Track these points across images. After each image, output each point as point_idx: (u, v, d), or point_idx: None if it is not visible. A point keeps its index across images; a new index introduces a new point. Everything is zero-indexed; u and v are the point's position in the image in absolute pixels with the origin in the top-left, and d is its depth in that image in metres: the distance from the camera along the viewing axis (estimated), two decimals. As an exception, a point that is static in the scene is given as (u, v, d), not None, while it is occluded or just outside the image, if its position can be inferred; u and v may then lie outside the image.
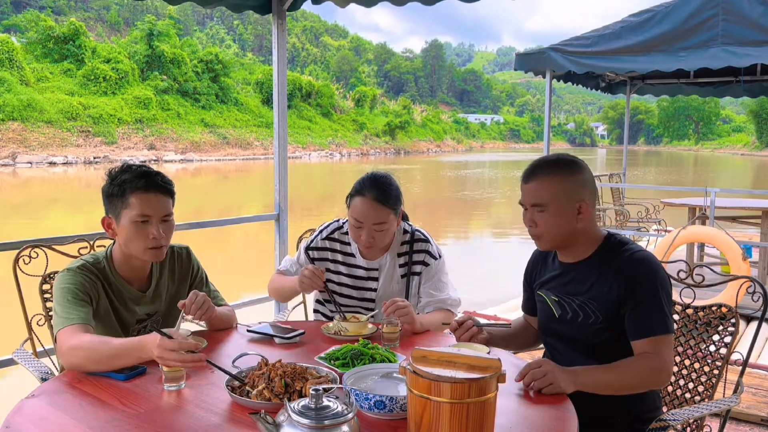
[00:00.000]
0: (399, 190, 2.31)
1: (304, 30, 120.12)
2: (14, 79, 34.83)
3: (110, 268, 1.98)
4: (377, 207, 2.21)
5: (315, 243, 2.46)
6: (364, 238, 2.24)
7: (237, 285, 7.54)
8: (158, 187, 1.93)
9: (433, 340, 2.08)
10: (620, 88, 8.49)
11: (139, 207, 1.90)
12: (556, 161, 1.82)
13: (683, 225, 5.69)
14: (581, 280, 1.82)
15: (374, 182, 2.26)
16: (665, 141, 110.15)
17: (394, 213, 2.27)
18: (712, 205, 5.73)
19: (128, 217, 1.90)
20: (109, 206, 1.95)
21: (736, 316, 1.95)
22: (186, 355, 1.53)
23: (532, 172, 1.81)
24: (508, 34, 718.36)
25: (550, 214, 1.77)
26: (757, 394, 3.55)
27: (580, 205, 1.77)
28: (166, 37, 44.27)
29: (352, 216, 2.26)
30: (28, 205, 19.33)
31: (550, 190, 1.76)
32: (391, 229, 2.30)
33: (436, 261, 2.38)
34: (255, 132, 46.93)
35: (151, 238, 1.91)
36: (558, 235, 1.80)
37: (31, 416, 1.41)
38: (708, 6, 4.88)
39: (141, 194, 1.90)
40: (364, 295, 2.42)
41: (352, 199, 2.28)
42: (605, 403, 1.72)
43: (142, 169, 1.95)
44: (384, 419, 1.38)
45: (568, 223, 1.77)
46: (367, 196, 2.22)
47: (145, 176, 1.92)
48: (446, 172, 37.24)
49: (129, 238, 1.92)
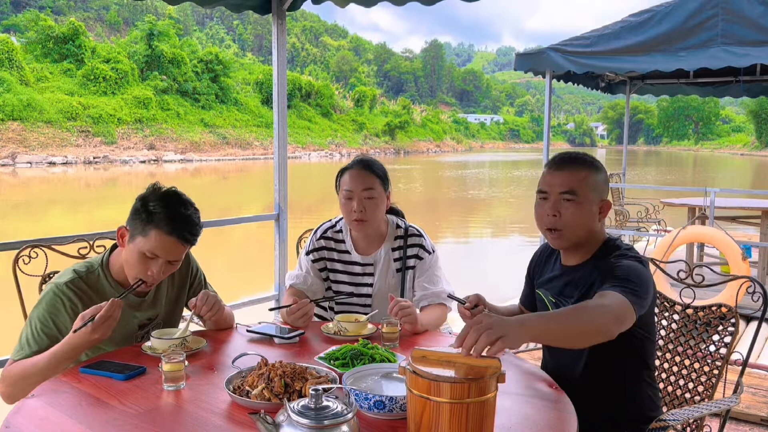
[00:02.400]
0: (384, 167, 2.43)
1: (303, 30, 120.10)
2: (14, 79, 34.82)
3: (106, 276, 1.95)
4: (364, 174, 2.34)
5: (312, 245, 2.49)
6: (355, 207, 2.30)
7: (237, 285, 7.54)
8: (183, 237, 1.88)
9: (433, 340, 2.08)
10: (620, 88, 8.49)
11: (153, 245, 1.85)
12: (586, 156, 1.83)
13: (683, 225, 5.68)
14: (576, 283, 1.82)
15: (359, 158, 2.43)
16: (665, 141, 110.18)
17: (380, 183, 2.35)
18: (712, 205, 5.73)
19: (140, 246, 1.86)
20: (131, 220, 1.89)
21: (735, 316, 1.95)
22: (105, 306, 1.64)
23: (563, 161, 1.80)
24: (508, 34, 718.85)
25: (578, 204, 1.74)
26: (757, 394, 3.55)
27: (603, 205, 1.78)
28: (165, 37, 44.27)
29: (343, 189, 2.36)
30: (27, 205, 19.32)
31: (585, 180, 1.75)
32: (381, 202, 2.35)
33: (429, 255, 2.43)
34: (254, 132, 46.93)
35: (149, 274, 1.89)
36: (579, 230, 1.77)
37: (31, 416, 1.41)
38: (708, 6, 4.87)
39: (162, 235, 1.84)
40: (361, 290, 2.45)
41: (341, 177, 2.39)
42: (604, 402, 1.72)
43: (179, 211, 1.87)
44: (384, 419, 1.38)
45: (591, 219, 1.77)
46: (354, 168, 2.37)
47: (176, 222, 1.85)
48: (446, 172, 37.24)
49: (130, 263, 1.89)
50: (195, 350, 1.82)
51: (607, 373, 1.80)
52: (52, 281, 1.92)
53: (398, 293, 2.43)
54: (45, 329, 1.82)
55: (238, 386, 1.51)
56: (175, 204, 1.88)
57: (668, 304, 2.13)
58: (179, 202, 1.90)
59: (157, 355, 1.72)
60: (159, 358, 1.60)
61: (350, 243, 2.45)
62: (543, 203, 1.81)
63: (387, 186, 2.39)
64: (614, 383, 1.81)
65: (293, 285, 2.46)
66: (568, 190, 1.75)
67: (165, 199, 1.88)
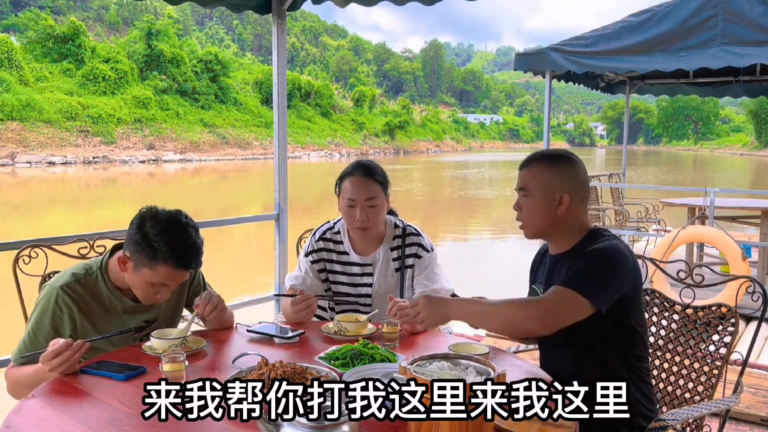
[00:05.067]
0: (384, 171, 2.41)
1: (303, 30, 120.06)
2: (13, 79, 34.78)
3: (105, 279, 1.95)
4: (367, 182, 2.32)
5: (311, 247, 2.49)
6: (358, 216, 2.30)
7: (237, 285, 7.54)
8: (190, 267, 1.89)
9: (434, 340, 2.08)
10: (620, 88, 8.49)
11: (162, 278, 1.86)
12: (549, 154, 1.95)
13: (683, 225, 5.69)
14: (559, 271, 1.87)
15: (360, 164, 2.40)
16: (664, 141, 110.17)
17: (382, 190, 2.35)
18: (712, 205, 5.73)
19: (147, 278, 1.86)
20: (132, 251, 1.85)
21: (735, 316, 1.95)
22: (58, 351, 1.59)
23: (526, 161, 1.95)
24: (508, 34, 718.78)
25: (532, 200, 1.88)
26: (757, 394, 3.55)
27: (561, 196, 1.85)
28: (165, 37, 44.21)
29: (345, 197, 2.34)
30: (27, 204, 19.31)
31: (536, 177, 1.89)
32: (383, 208, 2.36)
33: (428, 253, 2.44)
34: (254, 132, 46.89)
35: (158, 297, 1.92)
36: (538, 223, 1.89)
37: (31, 416, 1.41)
38: (708, 6, 4.88)
39: (170, 269, 1.85)
40: (361, 291, 2.45)
41: (342, 183, 2.37)
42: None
43: (183, 243, 1.85)
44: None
45: (547, 211, 1.87)
46: (356, 174, 2.34)
47: (182, 258, 1.85)
48: (446, 172, 37.24)
49: (138, 288, 1.90)
50: (195, 350, 1.83)
51: (596, 366, 1.80)
52: (48, 283, 1.93)
53: (398, 293, 2.43)
54: (39, 332, 1.84)
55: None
56: (178, 235, 1.85)
57: (668, 304, 2.13)
58: (182, 231, 1.86)
59: (157, 355, 1.72)
60: (159, 358, 1.61)
61: (348, 244, 2.45)
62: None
63: (387, 190, 2.39)
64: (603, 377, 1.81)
65: (293, 286, 2.47)
66: (521, 186, 1.92)
67: (168, 232, 1.84)
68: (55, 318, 1.85)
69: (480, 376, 1.29)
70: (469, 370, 1.32)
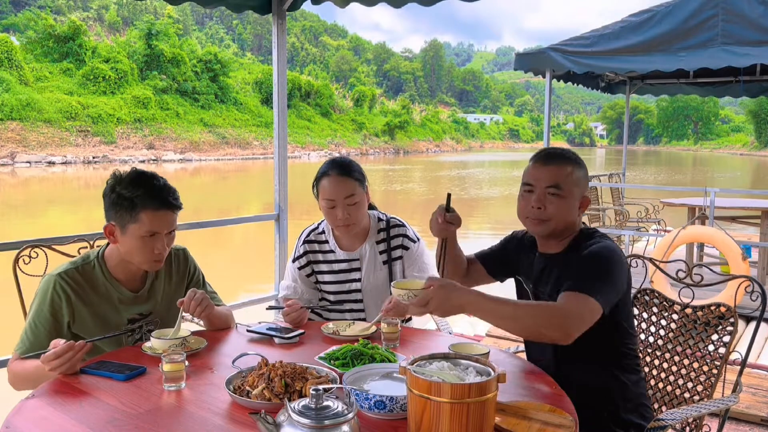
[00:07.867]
0: (360, 167, 2.40)
1: (303, 30, 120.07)
2: (13, 79, 34.77)
3: (102, 269, 1.97)
4: (343, 180, 2.30)
5: (297, 252, 2.50)
6: (340, 215, 2.29)
7: (237, 285, 7.54)
8: (170, 205, 1.93)
9: (433, 340, 2.08)
10: (620, 88, 8.50)
11: (149, 225, 1.89)
12: (570, 153, 1.89)
13: (683, 225, 5.68)
14: (550, 272, 1.86)
15: (334, 162, 2.37)
16: (664, 141, 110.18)
17: (360, 185, 2.33)
18: (712, 205, 5.73)
19: (136, 232, 1.89)
20: (114, 215, 1.92)
21: (735, 316, 1.95)
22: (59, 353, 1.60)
23: (549, 156, 1.86)
24: (508, 34, 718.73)
25: (564, 199, 1.80)
26: (757, 394, 3.55)
27: (583, 200, 1.85)
28: (165, 37, 44.21)
29: (323, 198, 2.32)
30: (27, 204, 19.31)
31: (570, 176, 1.81)
32: (363, 203, 2.35)
33: (414, 244, 2.45)
34: (254, 132, 46.89)
35: (156, 252, 1.93)
36: (563, 222, 1.83)
37: (31, 416, 1.41)
38: (708, 6, 4.88)
39: (153, 212, 1.89)
40: (350, 287, 2.46)
41: (319, 184, 2.36)
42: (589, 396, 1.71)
43: (154, 184, 1.92)
44: (384, 419, 1.38)
45: (573, 212, 1.83)
46: (331, 173, 2.32)
47: (158, 195, 1.91)
48: (446, 171, 37.23)
49: (133, 250, 1.92)
50: (195, 350, 1.83)
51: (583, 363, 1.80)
52: (47, 273, 1.95)
53: (388, 286, 2.43)
54: (39, 320, 1.86)
55: (238, 386, 1.51)
56: (147, 181, 1.93)
57: (667, 304, 2.13)
58: (149, 177, 1.95)
59: (157, 355, 1.72)
60: (159, 358, 1.61)
61: (334, 242, 2.46)
62: (528, 195, 1.86)
63: (365, 184, 2.38)
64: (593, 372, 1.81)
65: (286, 296, 2.48)
66: (553, 184, 1.81)
67: (136, 181, 1.92)
68: (54, 305, 1.87)
69: (480, 376, 1.29)
70: (469, 370, 1.32)
